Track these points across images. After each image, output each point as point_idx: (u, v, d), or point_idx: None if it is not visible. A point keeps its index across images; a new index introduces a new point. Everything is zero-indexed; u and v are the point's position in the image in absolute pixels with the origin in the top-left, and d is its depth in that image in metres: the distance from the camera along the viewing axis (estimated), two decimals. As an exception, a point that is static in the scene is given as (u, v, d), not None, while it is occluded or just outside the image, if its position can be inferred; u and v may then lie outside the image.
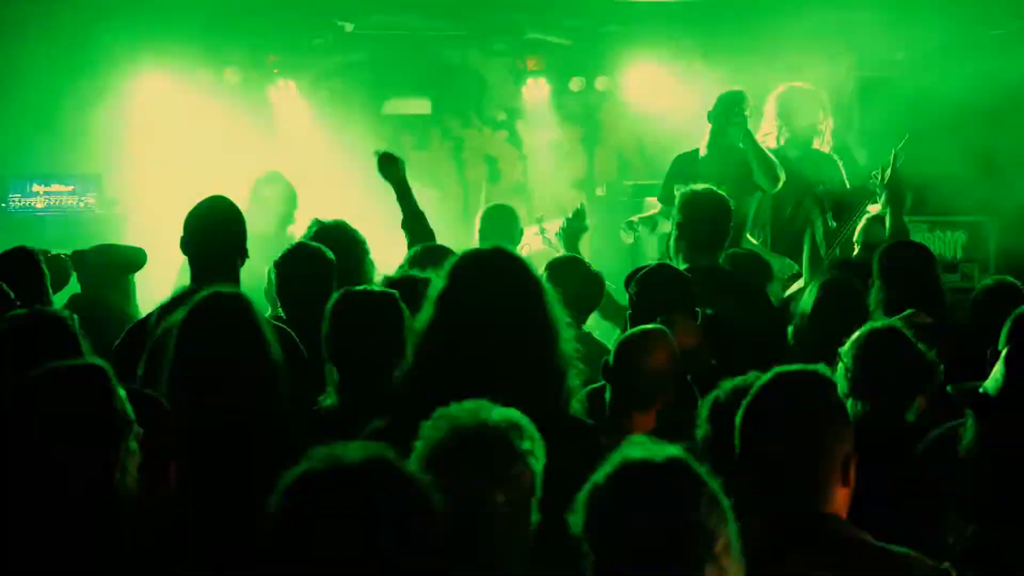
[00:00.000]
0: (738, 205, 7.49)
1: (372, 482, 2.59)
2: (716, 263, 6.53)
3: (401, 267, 6.26)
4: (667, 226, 7.29)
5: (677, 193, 6.84)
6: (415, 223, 6.96)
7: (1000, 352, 4.23)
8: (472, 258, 4.02)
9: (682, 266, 6.37)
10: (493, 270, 3.96)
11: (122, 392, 3.16)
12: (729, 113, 8.39)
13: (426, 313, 3.98)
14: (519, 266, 4.00)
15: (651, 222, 8.71)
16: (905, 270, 6.08)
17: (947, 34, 10.06)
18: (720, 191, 6.78)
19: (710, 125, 8.49)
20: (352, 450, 2.64)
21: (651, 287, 5.59)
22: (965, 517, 3.65)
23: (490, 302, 3.90)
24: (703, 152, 8.49)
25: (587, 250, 8.01)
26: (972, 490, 3.69)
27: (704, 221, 6.56)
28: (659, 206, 8.69)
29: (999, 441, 3.67)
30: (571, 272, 6.32)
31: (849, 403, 4.44)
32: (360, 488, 2.57)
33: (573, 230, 7.67)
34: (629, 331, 5.02)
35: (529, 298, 3.95)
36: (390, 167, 7.06)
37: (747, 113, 8.42)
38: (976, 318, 5.97)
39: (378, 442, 2.75)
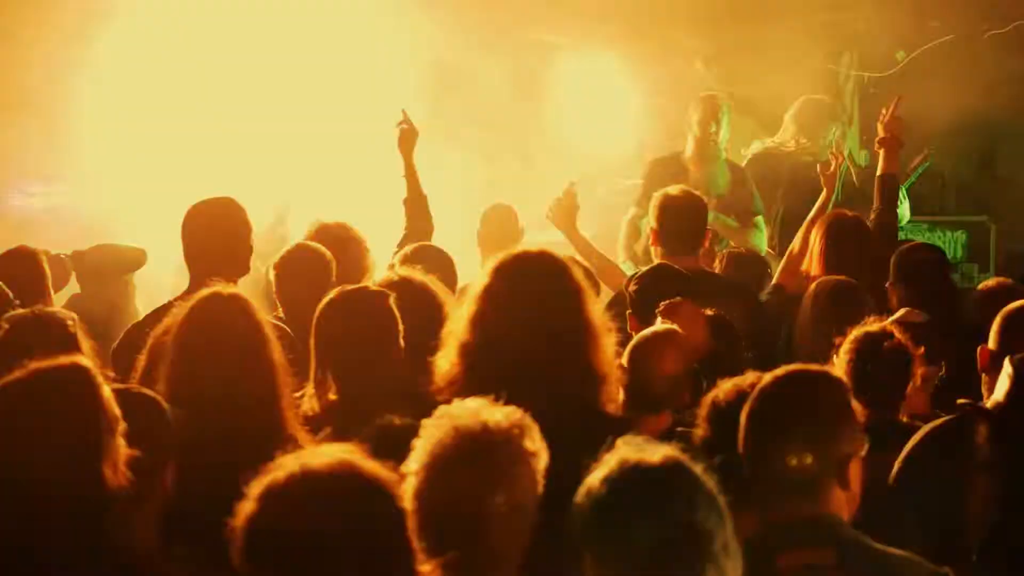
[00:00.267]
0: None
1: (338, 489, 2.64)
2: (696, 264, 6.48)
3: (391, 265, 6.24)
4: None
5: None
6: (416, 204, 6.98)
7: (989, 350, 4.31)
8: (518, 257, 4.10)
9: None
10: (538, 270, 4.06)
11: (107, 389, 3.16)
12: (713, 121, 8.46)
13: (467, 308, 4.06)
14: (562, 268, 4.10)
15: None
16: (920, 271, 6.16)
17: (948, 33, 10.07)
18: (696, 193, 6.80)
19: (695, 131, 8.53)
20: (319, 456, 2.69)
21: (651, 286, 5.59)
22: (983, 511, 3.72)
23: (533, 301, 3.99)
24: (691, 161, 8.51)
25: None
26: (990, 487, 3.74)
27: (680, 222, 6.53)
28: None
29: (1013, 448, 3.79)
30: None
31: None
32: (324, 496, 2.62)
33: (564, 209, 7.58)
34: (640, 334, 5.00)
35: (571, 299, 4.05)
36: (408, 141, 7.07)
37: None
38: (976, 318, 6.02)
39: (347, 445, 2.81)
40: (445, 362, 4.05)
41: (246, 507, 2.64)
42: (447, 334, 4.15)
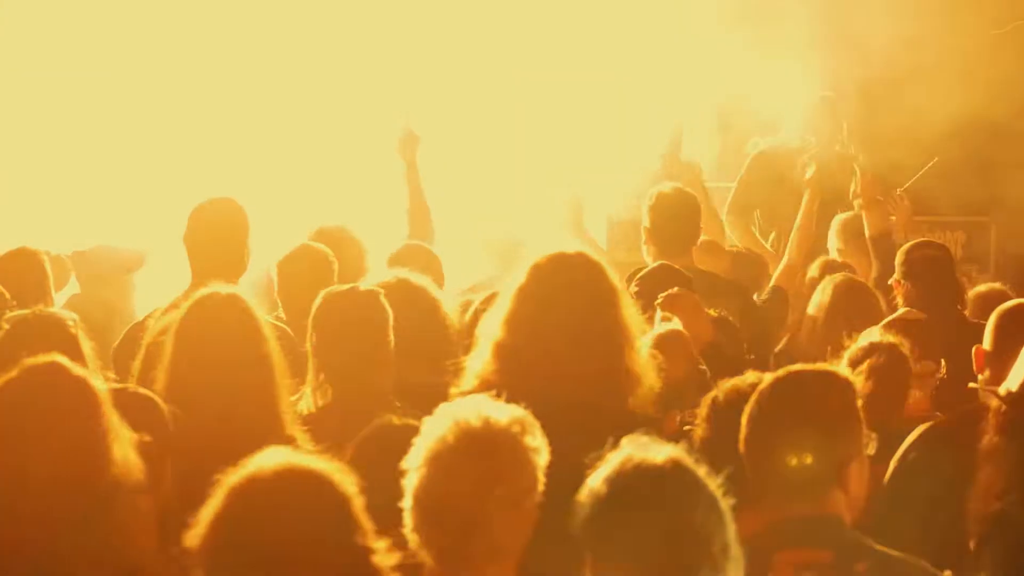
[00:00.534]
0: None
1: (286, 497, 2.73)
2: (691, 263, 6.46)
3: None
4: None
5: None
6: (418, 215, 6.96)
7: (984, 350, 4.40)
8: (555, 257, 4.08)
9: None
10: (574, 270, 4.04)
11: (94, 384, 3.17)
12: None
13: (502, 308, 4.05)
14: (599, 269, 4.08)
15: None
16: (926, 268, 6.17)
17: (948, 33, 10.06)
18: (689, 191, 6.81)
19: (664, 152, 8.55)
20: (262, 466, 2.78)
21: (652, 286, 5.59)
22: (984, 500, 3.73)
23: (569, 302, 3.98)
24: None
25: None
26: (995, 474, 3.74)
27: (674, 221, 6.53)
28: None
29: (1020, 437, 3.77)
30: None
31: None
32: (274, 507, 2.72)
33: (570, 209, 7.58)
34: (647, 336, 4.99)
35: (607, 300, 4.03)
36: (410, 147, 7.07)
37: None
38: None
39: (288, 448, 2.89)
40: (479, 361, 4.03)
41: (199, 531, 2.73)
42: (480, 334, 4.13)
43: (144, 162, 9.66)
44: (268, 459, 2.79)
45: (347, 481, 2.81)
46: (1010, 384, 3.88)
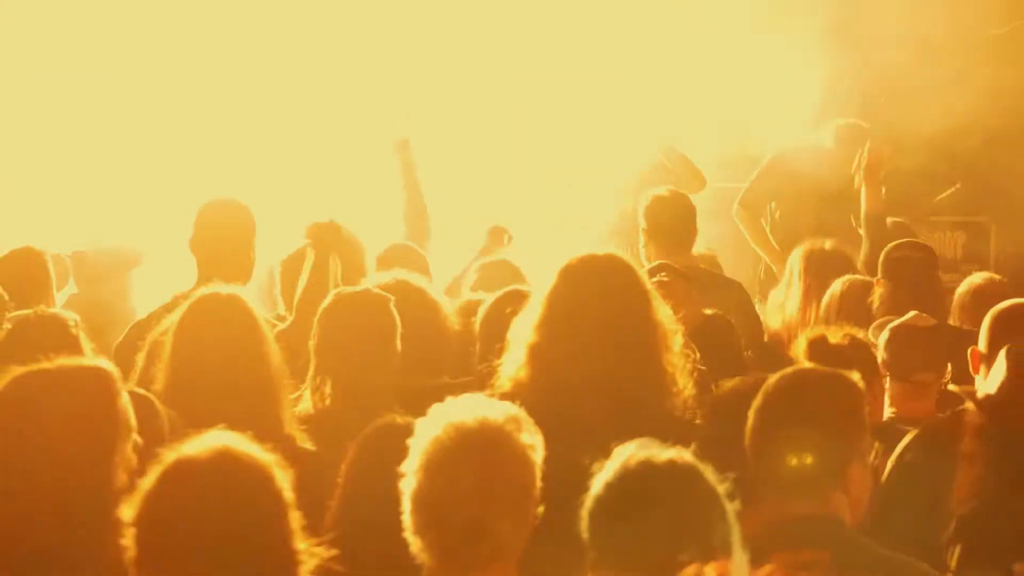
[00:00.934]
0: None
1: (216, 480, 2.74)
2: (690, 262, 6.46)
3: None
4: None
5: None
6: (415, 212, 6.97)
7: (980, 352, 4.41)
8: (585, 259, 4.08)
9: None
10: (605, 272, 4.04)
11: (124, 396, 3.19)
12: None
13: (534, 311, 4.05)
14: (629, 270, 4.09)
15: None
16: (903, 268, 6.13)
17: (948, 33, 10.07)
18: (683, 192, 6.87)
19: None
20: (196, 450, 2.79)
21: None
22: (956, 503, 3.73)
23: (601, 304, 3.98)
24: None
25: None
26: (969, 477, 3.75)
27: (672, 221, 6.59)
28: None
29: (1000, 433, 3.77)
30: None
31: None
32: (203, 490, 2.73)
33: None
34: None
35: (639, 301, 4.04)
36: (405, 146, 7.08)
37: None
38: (965, 317, 6.00)
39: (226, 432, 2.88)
40: (512, 365, 4.03)
41: (133, 504, 2.74)
42: (512, 338, 4.12)
43: (144, 162, 9.67)
44: (208, 441, 2.80)
45: (282, 476, 2.81)
46: (988, 388, 3.89)
